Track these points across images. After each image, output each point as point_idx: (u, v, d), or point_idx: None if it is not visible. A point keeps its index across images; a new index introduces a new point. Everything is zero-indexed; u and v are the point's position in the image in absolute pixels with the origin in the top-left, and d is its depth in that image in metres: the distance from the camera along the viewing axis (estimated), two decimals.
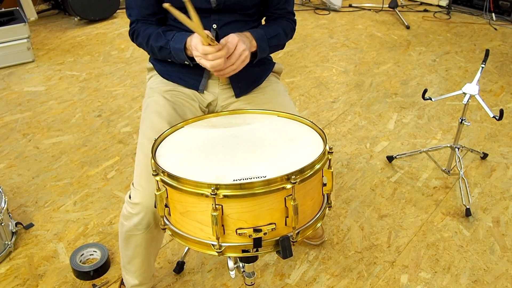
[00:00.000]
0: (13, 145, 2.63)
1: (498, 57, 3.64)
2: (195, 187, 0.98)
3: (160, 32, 1.48)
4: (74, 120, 2.85)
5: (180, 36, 1.43)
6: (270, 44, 1.53)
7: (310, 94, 3.13)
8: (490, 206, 2.15)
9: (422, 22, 4.39)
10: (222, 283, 1.79)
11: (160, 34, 1.48)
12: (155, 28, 1.51)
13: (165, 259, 1.89)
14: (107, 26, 4.34)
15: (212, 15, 1.50)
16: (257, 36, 1.49)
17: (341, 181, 2.32)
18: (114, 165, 2.45)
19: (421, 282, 1.79)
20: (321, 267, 1.86)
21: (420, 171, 2.37)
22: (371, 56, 3.69)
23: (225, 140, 1.18)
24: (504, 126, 2.74)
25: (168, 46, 1.45)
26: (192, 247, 1.08)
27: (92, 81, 3.32)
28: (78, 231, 2.04)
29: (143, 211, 1.35)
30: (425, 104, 2.96)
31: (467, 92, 2.03)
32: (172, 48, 1.44)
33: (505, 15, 4.37)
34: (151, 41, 1.49)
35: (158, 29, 1.50)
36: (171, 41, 1.44)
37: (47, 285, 1.79)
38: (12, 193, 2.26)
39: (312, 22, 4.44)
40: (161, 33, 1.48)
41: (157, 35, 1.48)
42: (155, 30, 1.50)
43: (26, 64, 3.60)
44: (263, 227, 1.00)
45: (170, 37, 1.45)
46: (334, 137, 2.66)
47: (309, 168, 1.02)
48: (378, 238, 1.99)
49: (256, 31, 1.50)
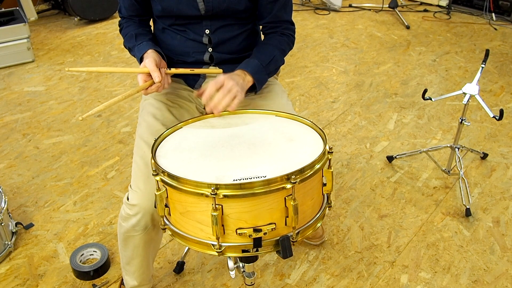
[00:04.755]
0: (13, 145, 2.63)
1: (498, 57, 3.64)
2: (195, 187, 0.98)
3: (133, 35, 1.52)
4: (74, 120, 2.85)
5: (144, 47, 1.47)
6: (268, 71, 1.50)
7: (310, 94, 3.13)
8: (490, 206, 2.15)
9: (422, 22, 4.39)
10: (222, 283, 1.79)
11: (132, 36, 1.52)
12: (135, 28, 1.54)
13: (165, 259, 1.89)
14: (107, 26, 4.34)
15: (203, 21, 1.49)
16: (252, 69, 1.44)
17: (341, 181, 2.32)
18: (114, 165, 2.45)
19: (421, 282, 1.79)
20: (321, 267, 1.86)
21: (420, 171, 2.38)
22: (371, 56, 3.69)
23: (225, 140, 1.18)
24: (504, 126, 2.74)
25: (133, 49, 1.50)
26: (192, 247, 1.08)
27: (92, 81, 3.32)
28: (78, 231, 2.04)
29: (141, 212, 1.35)
30: (425, 104, 2.96)
31: (467, 92, 2.03)
32: (135, 53, 1.50)
33: (505, 15, 4.37)
34: (125, 41, 1.56)
35: (135, 31, 1.53)
36: (136, 47, 1.49)
37: (47, 285, 1.79)
38: (12, 193, 2.26)
39: (312, 22, 4.44)
40: (133, 35, 1.52)
41: (130, 36, 1.53)
42: (133, 31, 1.53)
43: (26, 64, 3.60)
44: (263, 227, 1.00)
45: (138, 43, 1.49)
46: (334, 137, 2.66)
47: (309, 168, 1.02)
48: (378, 238, 1.99)
49: (250, 64, 1.45)
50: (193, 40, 1.53)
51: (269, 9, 1.52)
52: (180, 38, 1.54)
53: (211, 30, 1.51)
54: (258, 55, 1.49)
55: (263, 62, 1.47)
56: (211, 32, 1.51)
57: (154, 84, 1.35)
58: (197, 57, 1.55)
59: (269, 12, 1.53)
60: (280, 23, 1.57)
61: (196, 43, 1.53)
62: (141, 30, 1.55)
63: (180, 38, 1.54)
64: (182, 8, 1.45)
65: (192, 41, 1.53)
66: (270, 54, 1.51)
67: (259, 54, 1.50)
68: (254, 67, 1.45)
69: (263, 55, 1.49)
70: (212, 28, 1.51)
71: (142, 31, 1.55)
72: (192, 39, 1.52)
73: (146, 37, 1.53)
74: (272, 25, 1.56)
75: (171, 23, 1.53)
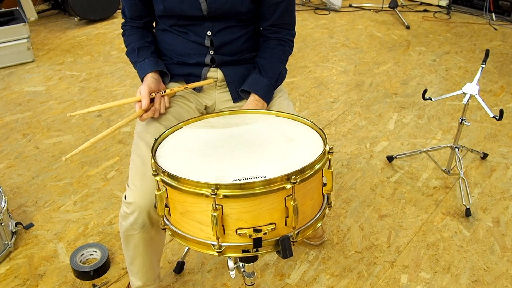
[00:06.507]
0: (13, 145, 2.63)
1: (498, 57, 3.64)
2: (195, 187, 0.98)
3: (135, 49, 1.55)
4: (74, 120, 2.85)
5: (145, 67, 1.50)
6: (275, 86, 1.57)
7: (310, 94, 3.13)
8: (490, 206, 2.15)
9: (422, 22, 4.39)
10: (222, 283, 1.79)
11: (134, 50, 1.55)
12: (137, 39, 1.56)
13: (165, 259, 1.89)
14: (107, 26, 4.34)
15: (205, 22, 1.49)
16: (263, 92, 1.51)
17: (341, 181, 2.32)
18: (114, 165, 2.45)
19: (421, 282, 1.79)
20: (321, 267, 1.86)
21: (420, 171, 2.37)
22: (371, 56, 3.69)
23: (225, 140, 1.18)
24: (504, 126, 2.74)
25: (136, 66, 1.55)
26: (192, 247, 1.08)
27: (92, 81, 3.32)
28: (78, 231, 2.04)
29: (137, 210, 1.35)
30: (425, 104, 2.96)
31: (467, 92, 2.03)
32: (137, 71, 1.54)
33: (505, 15, 4.37)
34: (127, 52, 1.59)
35: (137, 43, 1.55)
36: (138, 64, 1.53)
37: (47, 285, 1.79)
38: (12, 193, 2.26)
39: (312, 22, 4.44)
40: (135, 50, 1.54)
41: (132, 50, 1.56)
42: (135, 44, 1.56)
43: (26, 64, 3.60)
44: (263, 227, 1.00)
45: (140, 60, 1.53)
46: (334, 137, 2.66)
47: (309, 168, 1.02)
48: (378, 238, 1.99)
49: (259, 87, 1.51)
50: (194, 42, 1.53)
51: (272, 11, 1.52)
52: (181, 39, 1.54)
53: (213, 32, 1.50)
54: (265, 70, 1.54)
55: (271, 79, 1.53)
56: (213, 34, 1.51)
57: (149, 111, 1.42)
58: (198, 59, 1.55)
59: (272, 14, 1.53)
60: (282, 27, 1.57)
61: (197, 45, 1.53)
62: (143, 42, 1.56)
63: (182, 39, 1.54)
64: (185, 8, 1.45)
65: (193, 43, 1.53)
66: (277, 69, 1.56)
67: (265, 69, 1.54)
68: (264, 88, 1.51)
69: (270, 71, 1.54)
70: (214, 30, 1.50)
71: (144, 44, 1.56)
72: (194, 41, 1.52)
73: (148, 51, 1.55)
74: (274, 29, 1.56)
75: (172, 24, 1.52)
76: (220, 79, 1.58)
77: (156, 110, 1.44)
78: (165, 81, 1.57)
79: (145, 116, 1.42)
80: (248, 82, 1.53)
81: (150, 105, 1.42)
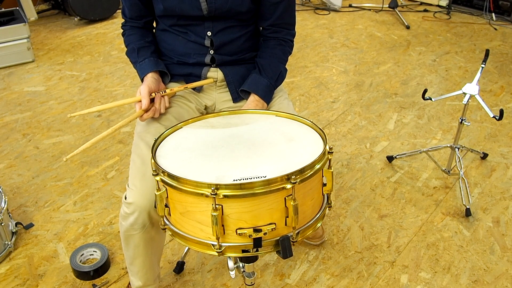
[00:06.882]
0: (13, 145, 2.63)
1: (498, 57, 3.64)
2: (195, 187, 0.98)
3: (135, 49, 1.55)
4: (74, 120, 2.85)
5: (145, 67, 1.51)
6: (275, 86, 1.57)
7: (310, 94, 3.13)
8: (490, 206, 2.15)
9: (422, 22, 4.39)
10: (222, 283, 1.79)
11: (134, 50, 1.55)
12: (137, 39, 1.56)
13: (165, 259, 1.89)
14: (107, 26, 4.34)
15: (205, 22, 1.49)
16: (263, 92, 1.51)
17: (341, 181, 2.32)
18: (114, 165, 2.45)
19: (421, 282, 1.79)
20: (321, 267, 1.86)
21: (420, 171, 2.37)
22: (371, 56, 3.69)
23: (225, 140, 1.18)
24: (504, 126, 2.74)
25: (136, 66, 1.55)
26: (192, 247, 1.08)
27: (92, 81, 3.32)
28: (78, 231, 2.04)
29: (137, 210, 1.35)
30: (425, 104, 2.96)
31: (467, 92, 2.03)
32: (137, 71, 1.54)
33: (505, 15, 4.37)
34: (127, 52, 1.58)
35: (137, 43, 1.55)
36: (138, 64, 1.53)
37: (47, 285, 1.79)
38: (12, 193, 2.26)
39: (312, 22, 4.44)
40: (135, 49, 1.54)
41: (132, 50, 1.56)
42: (135, 44, 1.56)
43: (26, 64, 3.60)
44: (263, 227, 1.00)
45: (140, 60, 1.53)
46: (334, 137, 2.66)
47: (309, 168, 1.02)
48: (378, 238, 1.99)
49: (259, 87, 1.51)
50: (194, 42, 1.53)
51: (272, 11, 1.52)
52: (181, 39, 1.54)
53: (212, 32, 1.50)
54: (265, 70, 1.54)
55: (271, 80, 1.53)
56: (212, 34, 1.50)
57: (149, 111, 1.42)
58: (198, 58, 1.55)
59: (272, 14, 1.53)
60: (282, 27, 1.57)
61: (197, 45, 1.53)
62: (143, 42, 1.56)
63: (181, 39, 1.54)
64: (185, 8, 1.45)
65: (193, 43, 1.53)
66: (277, 69, 1.56)
67: (265, 69, 1.54)
68: (264, 88, 1.51)
69: (270, 71, 1.54)
70: (214, 30, 1.50)
71: (144, 44, 1.56)
72: (193, 41, 1.52)
73: (148, 52, 1.55)
74: (274, 29, 1.57)
75: (172, 24, 1.52)
76: (220, 79, 1.58)
77: (156, 110, 1.44)
78: (165, 81, 1.57)
79: (145, 116, 1.42)
80: (248, 82, 1.53)
81: (150, 105, 1.42)
